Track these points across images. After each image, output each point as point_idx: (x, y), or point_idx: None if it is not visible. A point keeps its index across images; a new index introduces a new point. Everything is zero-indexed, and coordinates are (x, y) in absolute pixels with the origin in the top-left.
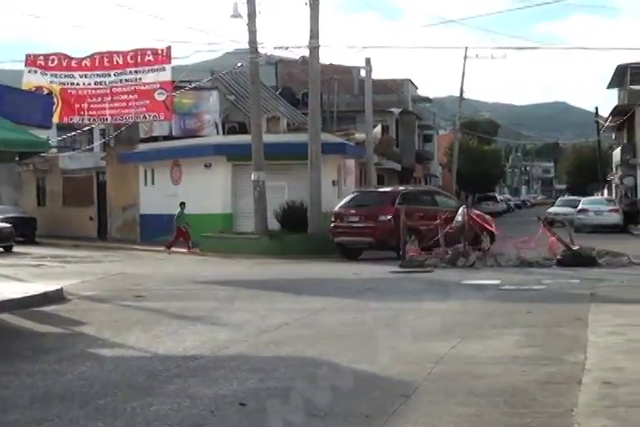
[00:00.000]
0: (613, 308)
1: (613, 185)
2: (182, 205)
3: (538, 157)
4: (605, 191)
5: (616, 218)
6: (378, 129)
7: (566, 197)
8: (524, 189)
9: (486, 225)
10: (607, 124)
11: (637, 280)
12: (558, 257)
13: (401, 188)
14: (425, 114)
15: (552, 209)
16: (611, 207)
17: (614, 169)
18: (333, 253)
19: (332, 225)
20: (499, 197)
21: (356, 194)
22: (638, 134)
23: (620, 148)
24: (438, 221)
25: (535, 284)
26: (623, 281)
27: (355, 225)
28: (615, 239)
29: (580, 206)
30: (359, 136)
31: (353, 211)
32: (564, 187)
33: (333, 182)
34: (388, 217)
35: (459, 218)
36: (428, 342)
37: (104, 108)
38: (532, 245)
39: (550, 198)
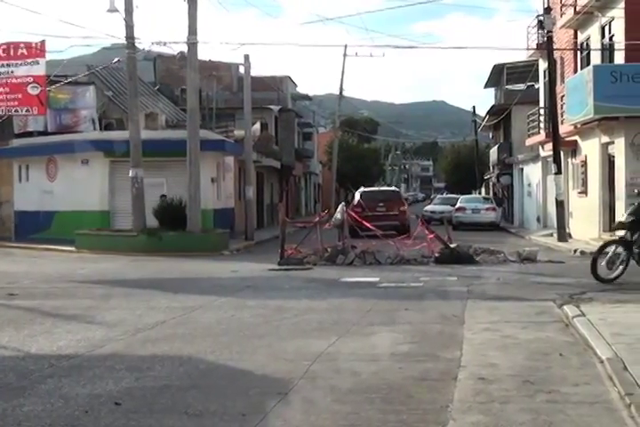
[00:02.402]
0: (489, 305)
1: (490, 183)
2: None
3: (417, 156)
4: (483, 190)
5: (493, 216)
6: (257, 126)
7: (444, 195)
8: (403, 187)
9: (365, 222)
10: (484, 123)
11: (512, 277)
12: (436, 255)
13: (394, 188)
14: (304, 112)
15: (429, 207)
16: (488, 205)
17: (491, 168)
18: (212, 251)
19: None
20: None
21: (363, 192)
22: (514, 133)
23: (496, 146)
24: (317, 218)
25: (413, 281)
26: (499, 278)
27: (382, 214)
28: (492, 237)
29: (457, 204)
30: (238, 133)
31: (381, 204)
32: (442, 185)
33: (212, 180)
34: (405, 207)
35: (338, 216)
36: (305, 339)
37: None
38: (411, 243)
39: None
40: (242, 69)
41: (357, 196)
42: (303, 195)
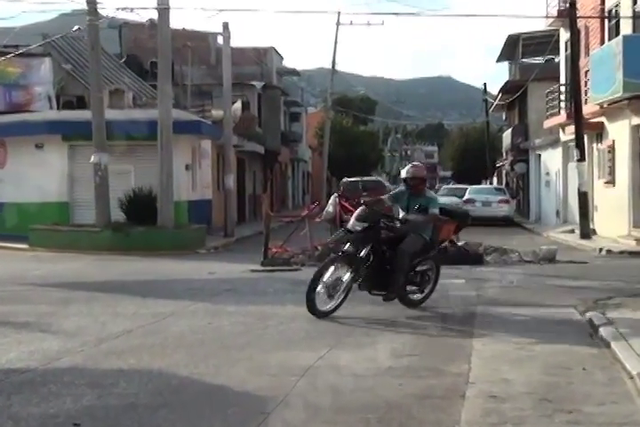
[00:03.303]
0: (501, 311)
1: (503, 172)
2: None
3: (420, 140)
4: (495, 179)
5: (506, 210)
6: (237, 105)
7: (451, 186)
8: None
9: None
10: (497, 102)
11: (528, 280)
12: None
13: (380, 177)
14: (292, 89)
15: None
16: (500, 197)
17: (504, 154)
18: (186, 249)
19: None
20: None
21: (346, 182)
22: (531, 114)
23: (510, 129)
24: (306, 212)
25: None
26: (512, 281)
27: None
28: (505, 233)
29: (466, 196)
30: (216, 113)
31: (364, 193)
32: (448, 174)
33: (187, 167)
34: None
35: (329, 209)
36: (292, 351)
37: None
38: None
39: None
40: (220, 40)
41: (341, 186)
42: (290, 184)
